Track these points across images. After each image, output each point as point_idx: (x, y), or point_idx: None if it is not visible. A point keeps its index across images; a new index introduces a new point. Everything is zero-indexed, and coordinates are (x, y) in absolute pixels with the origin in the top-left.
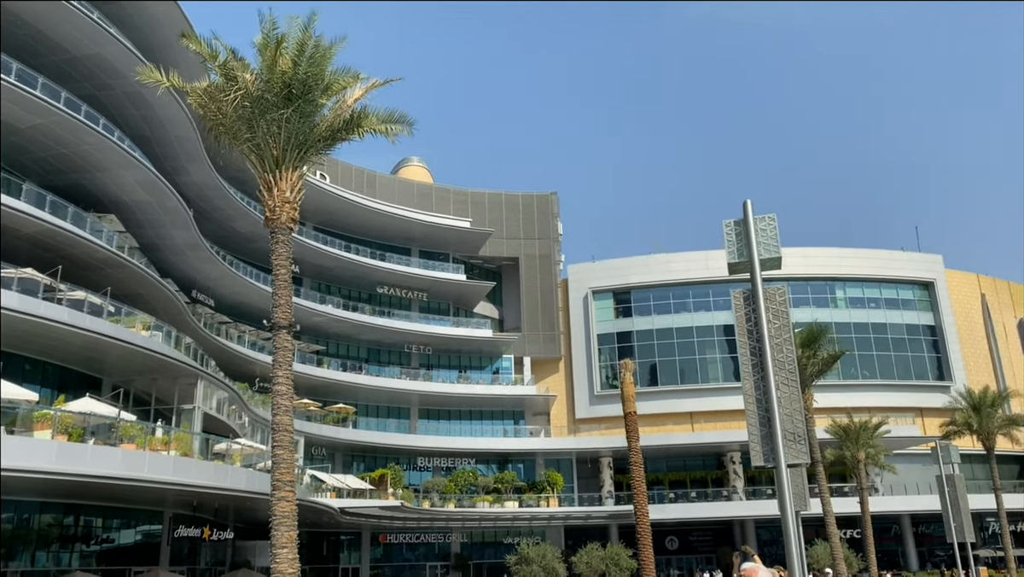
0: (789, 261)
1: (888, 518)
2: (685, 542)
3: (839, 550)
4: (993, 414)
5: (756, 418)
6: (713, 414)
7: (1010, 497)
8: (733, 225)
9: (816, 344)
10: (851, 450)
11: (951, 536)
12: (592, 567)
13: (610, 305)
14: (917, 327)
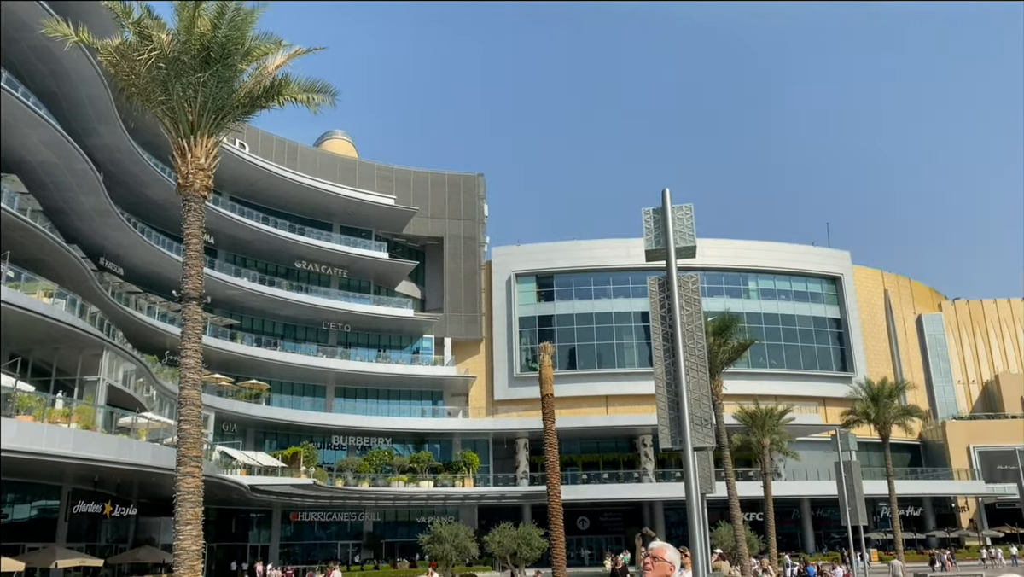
0: (706, 252)
1: (789, 502)
2: (596, 522)
3: (742, 532)
4: (890, 405)
5: (666, 402)
6: (628, 398)
7: (901, 483)
8: (652, 213)
9: (727, 333)
10: (757, 436)
11: (846, 520)
12: (504, 546)
13: (533, 289)
14: (824, 319)
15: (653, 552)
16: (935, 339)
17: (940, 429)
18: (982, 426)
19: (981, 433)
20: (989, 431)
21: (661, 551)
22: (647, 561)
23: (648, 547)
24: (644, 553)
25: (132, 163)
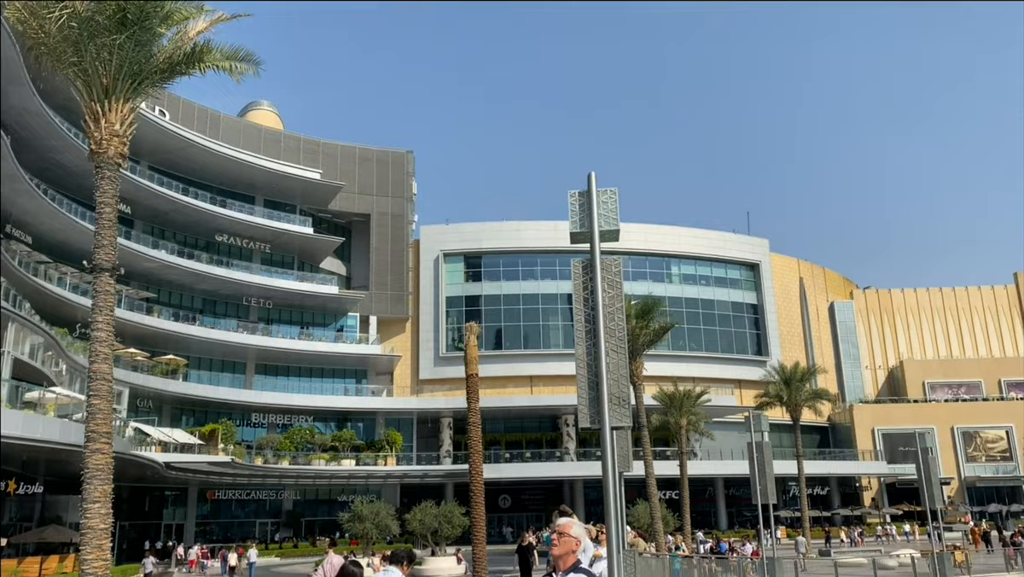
0: (631, 237)
1: (704, 481)
2: (518, 500)
3: (658, 510)
4: (801, 388)
5: (586, 382)
6: (552, 378)
7: (810, 464)
8: (577, 196)
9: (650, 316)
10: (675, 417)
11: (756, 498)
12: (425, 524)
13: (460, 268)
14: (742, 305)
15: (559, 528)
16: (846, 326)
17: (848, 412)
18: (886, 409)
19: (885, 416)
20: (892, 414)
21: (567, 527)
22: (553, 537)
23: (556, 523)
24: (550, 530)
25: (43, 127)
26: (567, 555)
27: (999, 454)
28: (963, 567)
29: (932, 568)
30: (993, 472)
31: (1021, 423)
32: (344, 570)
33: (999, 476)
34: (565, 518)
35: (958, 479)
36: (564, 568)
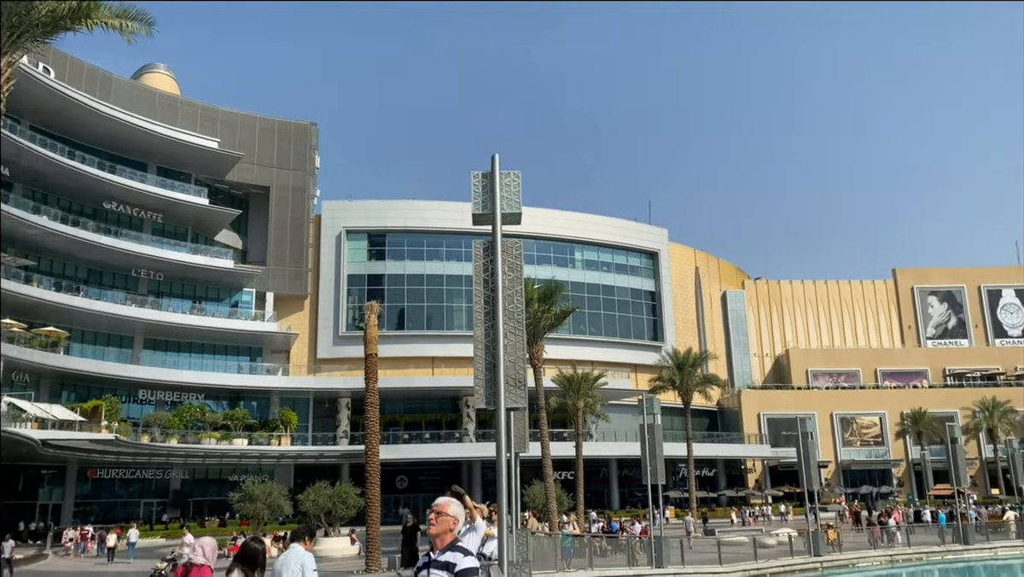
0: (537, 221)
1: (599, 462)
2: (415, 481)
3: (552, 490)
4: (693, 373)
5: (483, 363)
6: (455, 360)
7: (699, 446)
8: (480, 177)
9: (552, 300)
10: (573, 399)
11: (647, 479)
12: (319, 505)
13: (363, 246)
14: (640, 292)
15: (437, 508)
16: (737, 314)
17: (736, 397)
18: (772, 395)
19: (770, 402)
20: (777, 400)
21: (445, 506)
22: (431, 517)
23: (435, 503)
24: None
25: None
26: (445, 533)
27: (872, 439)
28: (835, 545)
29: (807, 545)
30: (866, 456)
31: (893, 410)
32: (246, 546)
33: (872, 460)
34: (443, 497)
35: (835, 462)
36: (442, 546)
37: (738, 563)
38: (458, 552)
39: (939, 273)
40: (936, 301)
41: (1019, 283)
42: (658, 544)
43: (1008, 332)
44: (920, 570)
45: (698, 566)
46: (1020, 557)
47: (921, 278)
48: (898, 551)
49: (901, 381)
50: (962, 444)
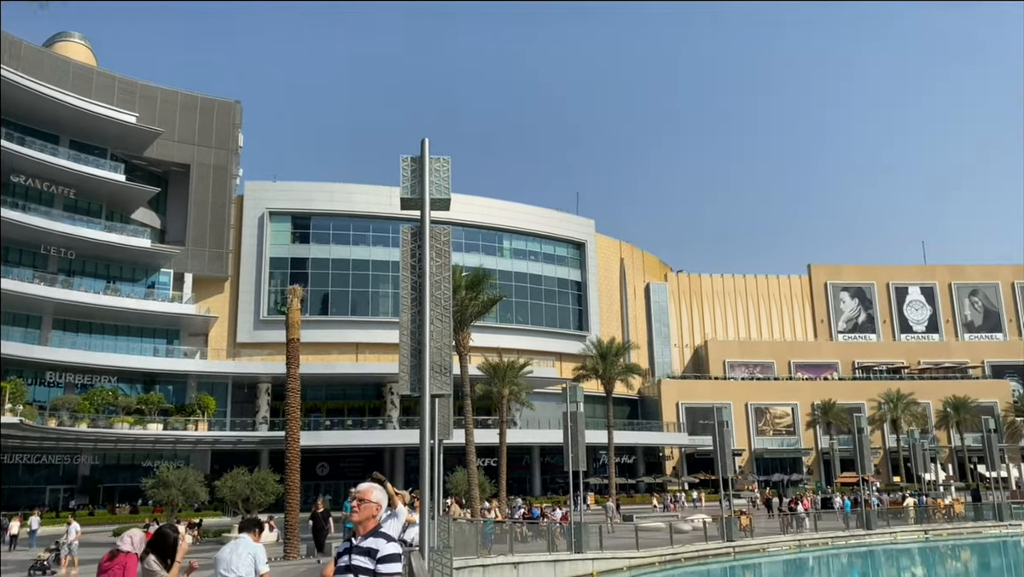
0: (466, 209)
1: (522, 449)
2: (336, 468)
3: (475, 477)
4: (616, 363)
5: (408, 349)
6: (380, 346)
7: (620, 434)
8: (410, 161)
9: (479, 287)
10: (498, 387)
11: (569, 465)
12: (236, 491)
13: (287, 229)
14: (567, 281)
15: (359, 495)
16: (659, 306)
17: (656, 386)
18: (690, 385)
19: (689, 391)
20: (695, 389)
21: (367, 492)
22: (353, 504)
23: (356, 490)
24: (351, 497)
25: None
26: (368, 520)
27: (785, 428)
28: (747, 530)
29: (721, 531)
30: (779, 445)
31: (805, 401)
32: (160, 533)
33: (783, 448)
34: (365, 484)
35: (748, 451)
36: (364, 532)
37: (655, 548)
38: (381, 538)
39: (851, 270)
40: (847, 297)
41: (924, 281)
42: (577, 530)
43: (913, 328)
44: (826, 554)
45: (616, 551)
46: (918, 541)
47: (834, 274)
48: (806, 536)
49: (813, 373)
50: (868, 434)
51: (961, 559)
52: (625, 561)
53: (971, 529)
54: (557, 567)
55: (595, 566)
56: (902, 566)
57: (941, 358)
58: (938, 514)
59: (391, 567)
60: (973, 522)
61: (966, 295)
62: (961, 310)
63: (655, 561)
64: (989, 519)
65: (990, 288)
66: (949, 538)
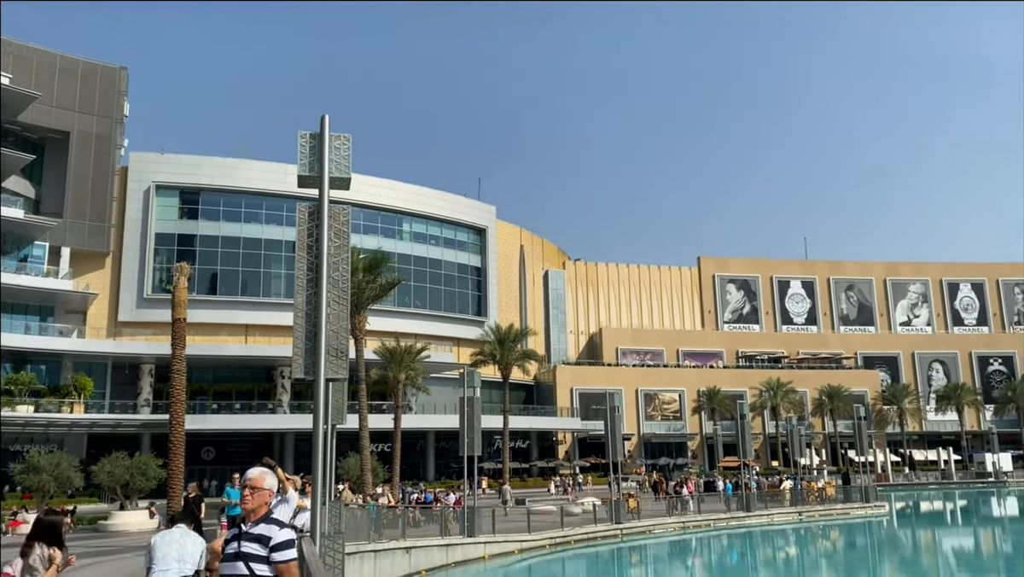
0: (365, 189)
1: (417, 434)
2: (223, 453)
3: (368, 462)
4: (513, 348)
5: (303, 332)
6: (271, 328)
7: (515, 419)
8: (309, 138)
9: (378, 270)
10: (394, 371)
11: (464, 450)
12: (115, 477)
13: (175, 204)
14: (467, 267)
15: (251, 482)
16: (557, 293)
17: (552, 372)
18: (584, 371)
19: (583, 377)
20: (589, 375)
21: (260, 480)
22: (245, 493)
23: (246, 477)
24: (239, 484)
25: None
26: (260, 508)
27: (672, 414)
28: (635, 513)
29: (610, 513)
30: (666, 430)
31: (691, 388)
32: (44, 520)
33: (671, 433)
34: (256, 470)
35: (638, 435)
36: (254, 519)
37: (546, 531)
38: (273, 524)
39: (738, 263)
40: (734, 288)
41: (805, 276)
42: (470, 514)
43: (794, 319)
44: (708, 535)
45: (508, 535)
46: (792, 522)
47: (722, 267)
48: (690, 518)
49: (700, 361)
50: (749, 420)
51: (831, 538)
52: (517, 544)
53: (840, 510)
54: (449, 551)
55: (487, 550)
56: (777, 546)
57: (818, 349)
58: (811, 497)
59: (285, 554)
60: (843, 504)
61: (843, 290)
62: (838, 304)
63: (546, 544)
64: (857, 501)
65: (864, 284)
66: (821, 519)
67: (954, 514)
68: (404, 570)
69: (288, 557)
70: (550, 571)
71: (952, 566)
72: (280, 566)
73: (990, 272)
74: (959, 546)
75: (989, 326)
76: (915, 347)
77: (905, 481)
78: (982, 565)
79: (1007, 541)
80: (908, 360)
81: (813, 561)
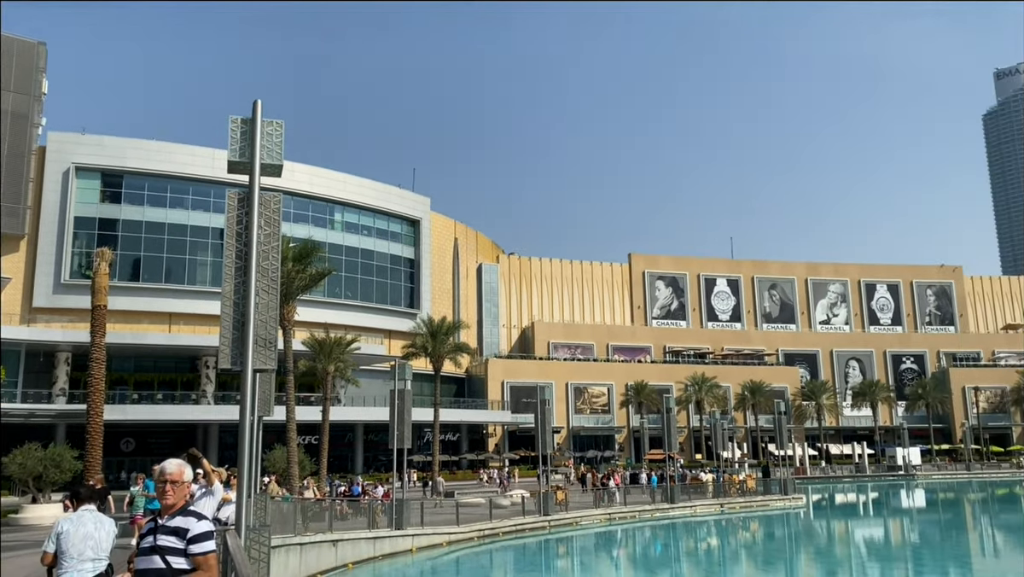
0: (297, 177)
1: (345, 426)
2: (144, 444)
3: (295, 454)
4: (445, 341)
5: (231, 321)
6: (195, 317)
7: (446, 412)
8: (240, 123)
9: (308, 260)
10: (323, 363)
11: (393, 443)
12: (27, 469)
13: (96, 187)
14: (400, 258)
15: (170, 477)
16: (490, 287)
17: (483, 365)
18: (516, 364)
19: (514, 370)
20: (520, 369)
21: (179, 475)
22: (167, 488)
23: (165, 471)
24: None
25: None
26: (181, 501)
27: (601, 407)
28: (563, 505)
29: (538, 505)
30: (594, 423)
31: (620, 382)
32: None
33: (599, 426)
34: (175, 463)
35: (567, 428)
36: (171, 512)
37: (474, 523)
38: (191, 517)
39: (667, 260)
40: (663, 285)
41: (731, 274)
42: (399, 507)
43: (719, 316)
44: (633, 527)
45: (437, 527)
46: (715, 514)
47: (651, 264)
48: (616, 510)
49: (628, 356)
50: (675, 414)
51: (750, 529)
52: (445, 537)
53: (760, 502)
54: (377, 544)
55: (415, 542)
56: (699, 537)
57: (742, 345)
58: (733, 489)
59: (203, 546)
60: (762, 496)
61: (766, 288)
62: (761, 302)
63: (474, 536)
64: (776, 493)
65: (787, 283)
66: (742, 511)
67: (866, 506)
68: (331, 563)
69: (206, 549)
70: (477, 563)
71: (863, 555)
72: (198, 558)
73: (905, 274)
74: (869, 536)
75: (903, 326)
76: (833, 345)
77: (821, 474)
78: (890, 554)
79: (913, 531)
80: (827, 357)
81: (733, 552)
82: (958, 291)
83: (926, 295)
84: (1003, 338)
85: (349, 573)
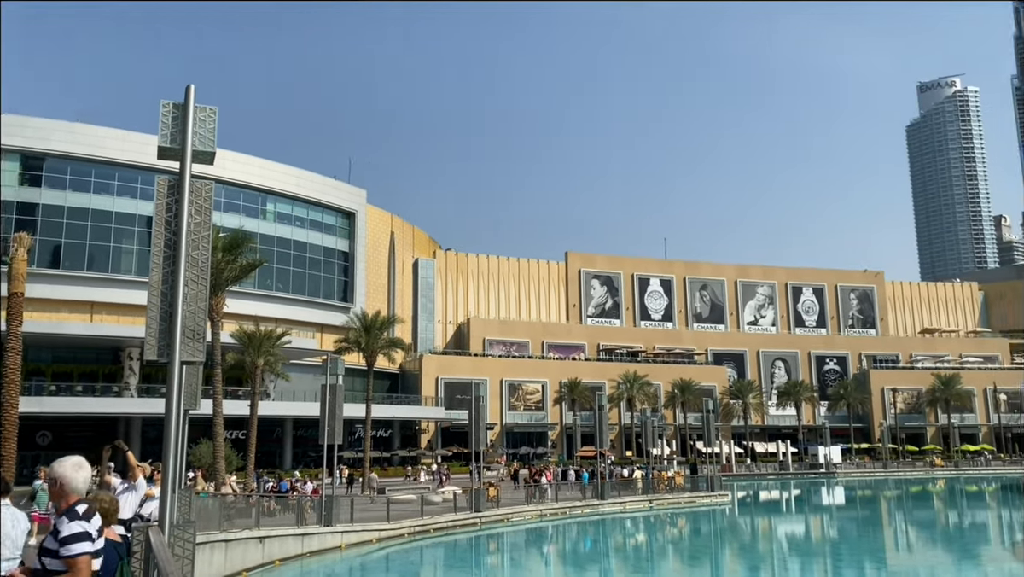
0: (228, 165)
1: (274, 421)
2: (62, 438)
3: (222, 449)
4: (379, 336)
5: (158, 312)
6: (118, 307)
7: (379, 407)
8: (172, 107)
9: (238, 250)
10: (252, 357)
11: (323, 439)
12: None
13: (16, 169)
14: (334, 251)
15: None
16: (426, 282)
17: (418, 361)
18: (451, 360)
19: (449, 366)
20: (456, 365)
21: (63, 476)
22: (55, 487)
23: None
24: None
25: None
26: (64, 501)
27: (534, 404)
28: (495, 501)
29: (470, 502)
30: (528, 420)
31: (554, 379)
32: None
33: (532, 423)
34: (61, 465)
35: (500, 424)
36: (59, 512)
37: (405, 520)
38: (64, 517)
39: (602, 260)
40: (598, 284)
41: (664, 274)
42: (328, 503)
43: (652, 315)
44: (563, 523)
45: (367, 524)
46: (643, 510)
47: (587, 263)
48: (547, 506)
49: (563, 353)
50: (607, 411)
51: (678, 525)
52: (375, 533)
53: (688, 499)
54: (305, 541)
55: (344, 539)
56: (628, 532)
57: (673, 344)
58: (662, 486)
59: (71, 548)
60: (690, 493)
61: (697, 289)
62: (692, 302)
63: (405, 533)
64: (703, 490)
65: (717, 284)
66: (670, 507)
67: (789, 503)
68: (257, 560)
69: (75, 552)
70: (407, 560)
71: (784, 551)
72: (68, 561)
73: (830, 278)
74: (791, 532)
75: (827, 328)
76: (760, 346)
77: (747, 472)
78: (810, 549)
79: (833, 527)
80: (754, 357)
81: (661, 547)
82: (879, 295)
83: (849, 299)
84: (921, 341)
85: (276, 570)
